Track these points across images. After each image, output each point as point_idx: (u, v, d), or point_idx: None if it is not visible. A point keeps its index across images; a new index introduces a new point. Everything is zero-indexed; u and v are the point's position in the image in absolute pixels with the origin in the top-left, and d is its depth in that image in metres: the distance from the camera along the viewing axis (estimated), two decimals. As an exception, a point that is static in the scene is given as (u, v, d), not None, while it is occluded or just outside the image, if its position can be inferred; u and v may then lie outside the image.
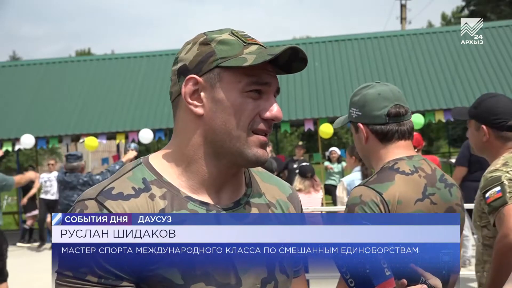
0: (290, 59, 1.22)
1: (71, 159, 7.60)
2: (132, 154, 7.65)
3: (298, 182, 6.49)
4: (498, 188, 2.34)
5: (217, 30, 1.26)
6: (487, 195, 2.37)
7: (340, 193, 6.34)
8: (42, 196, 11.61)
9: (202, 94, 1.21)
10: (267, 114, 1.22)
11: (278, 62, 1.22)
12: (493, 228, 2.44)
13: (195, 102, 1.22)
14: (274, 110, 1.22)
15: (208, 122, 1.21)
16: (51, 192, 11.41)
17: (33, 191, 12.15)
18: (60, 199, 7.77)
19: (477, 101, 2.60)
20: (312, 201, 6.36)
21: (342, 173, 12.43)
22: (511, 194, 2.31)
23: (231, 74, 1.20)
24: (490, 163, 2.59)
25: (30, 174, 6.61)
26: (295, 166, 11.12)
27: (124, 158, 7.69)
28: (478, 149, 2.64)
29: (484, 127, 2.53)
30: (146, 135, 12.75)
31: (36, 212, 12.31)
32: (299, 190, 6.38)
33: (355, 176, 6.35)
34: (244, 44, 1.22)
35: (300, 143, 12.04)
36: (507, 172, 2.39)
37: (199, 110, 1.21)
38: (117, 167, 7.35)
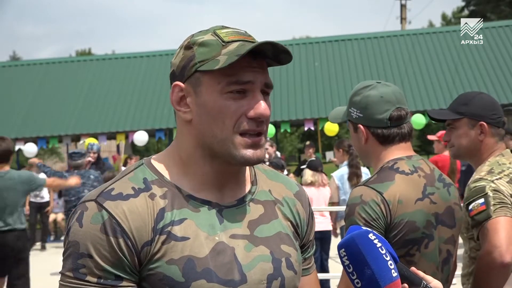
0: (276, 51, 1.19)
1: (75, 157, 7.63)
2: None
3: (310, 175, 6.48)
4: (482, 200, 2.14)
5: (204, 31, 1.24)
6: (470, 207, 2.16)
7: (334, 189, 6.39)
8: (32, 199, 11.33)
9: (188, 99, 1.21)
10: (251, 113, 1.18)
11: (266, 55, 1.20)
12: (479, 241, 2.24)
13: (183, 109, 1.22)
14: (260, 108, 1.18)
15: (196, 126, 1.21)
16: (41, 195, 11.32)
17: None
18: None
19: (463, 99, 2.35)
20: (321, 195, 6.41)
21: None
22: (495, 207, 2.11)
23: (210, 77, 1.18)
24: (475, 167, 2.36)
25: (71, 181, 6.21)
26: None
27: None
28: (468, 150, 2.34)
29: (484, 124, 2.28)
30: (141, 138, 12.59)
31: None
32: (311, 183, 6.41)
33: (344, 170, 6.42)
34: (223, 43, 1.19)
35: (308, 142, 12.03)
36: (492, 181, 2.18)
37: (188, 116, 1.22)
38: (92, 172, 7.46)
